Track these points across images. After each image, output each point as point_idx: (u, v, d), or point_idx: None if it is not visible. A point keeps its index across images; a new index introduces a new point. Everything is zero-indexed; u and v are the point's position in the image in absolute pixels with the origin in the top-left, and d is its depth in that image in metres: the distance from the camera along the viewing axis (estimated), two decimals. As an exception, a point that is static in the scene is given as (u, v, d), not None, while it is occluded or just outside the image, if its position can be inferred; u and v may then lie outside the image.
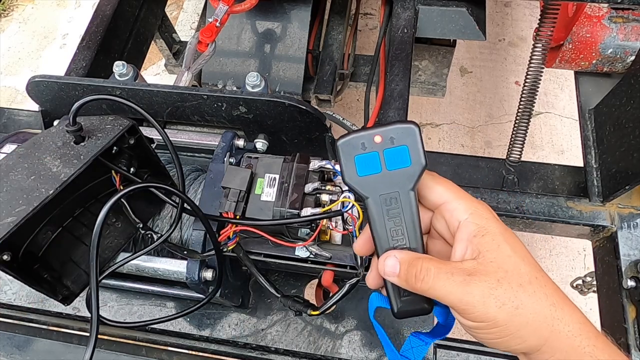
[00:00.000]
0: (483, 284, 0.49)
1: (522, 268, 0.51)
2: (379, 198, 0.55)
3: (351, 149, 0.54)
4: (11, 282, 1.09)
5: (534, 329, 0.49)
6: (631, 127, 1.06)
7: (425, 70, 1.76)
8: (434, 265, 0.52)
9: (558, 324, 0.49)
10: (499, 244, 0.52)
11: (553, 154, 2.38)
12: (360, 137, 0.54)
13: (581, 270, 2.08)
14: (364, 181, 0.55)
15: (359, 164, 0.54)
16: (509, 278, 0.50)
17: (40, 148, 0.70)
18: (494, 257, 0.51)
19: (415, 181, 0.54)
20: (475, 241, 0.52)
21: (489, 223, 0.53)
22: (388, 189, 0.55)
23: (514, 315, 0.49)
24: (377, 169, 0.54)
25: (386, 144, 0.54)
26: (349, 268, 0.79)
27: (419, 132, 0.54)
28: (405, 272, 0.54)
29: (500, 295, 0.49)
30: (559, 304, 0.50)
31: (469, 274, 0.50)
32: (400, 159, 0.54)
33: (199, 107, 0.95)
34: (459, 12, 1.34)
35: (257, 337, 1.01)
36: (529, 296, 0.49)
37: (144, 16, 1.54)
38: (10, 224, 0.63)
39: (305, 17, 1.48)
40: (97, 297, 0.66)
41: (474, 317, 0.50)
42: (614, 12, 1.31)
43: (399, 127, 0.54)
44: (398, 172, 0.54)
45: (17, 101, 2.80)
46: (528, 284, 0.50)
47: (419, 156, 0.54)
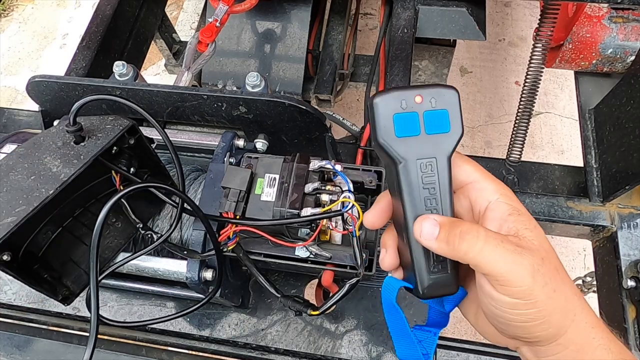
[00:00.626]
0: (532, 258, 0.47)
1: (553, 254, 0.49)
2: (414, 163, 0.50)
3: (390, 106, 0.49)
4: (11, 282, 1.09)
5: (562, 317, 0.48)
6: (631, 127, 1.06)
7: (425, 70, 1.76)
8: (483, 229, 0.49)
9: (580, 312, 0.48)
10: (535, 225, 0.50)
11: (553, 154, 2.38)
12: (401, 94, 0.50)
13: (581, 270, 2.08)
14: (401, 142, 0.50)
15: (398, 124, 0.50)
16: (549, 259, 0.48)
17: (40, 148, 0.70)
18: (534, 235, 0.49)
19: (453, 148, 0.51)
20: (512, 219, 0.50)
21: (519, 205, 0.51)
22: (426, 154, 0.50)
23: (551, 297, 0.47)
24: (416, 131, 0.50)
25: (427, 105, 0.50)
26: (349, 268, 0.79)
27: (458, 97, 0.50)
28: (447, 232, 0.49)
29: (545, 274, 0.47)
30: (579, 294, 0.49)
31: (519, 245, 0.47)
32: (440, 123, 0.50)
33: (199, 107, 0.95)
34: (459, 12, 1.35)
35: (257, 337, 1.01)
36: (562, 281, 0.48)
37: (144, 16, 1.54)
38: (10, 224, 0.63)
39: (305, 17, 1.49)
40: (97, 296, 0.66)
41: (517, 292, 0.47)
42: (614, 12, 1.31)
43: (440, 90, 0.50)
44: (437, 137, 0.50)
45: (17, 101, 2.80)
46: (561, 270, 0.49)
47: (459, 122, 0.50)
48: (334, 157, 1.01)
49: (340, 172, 0.78)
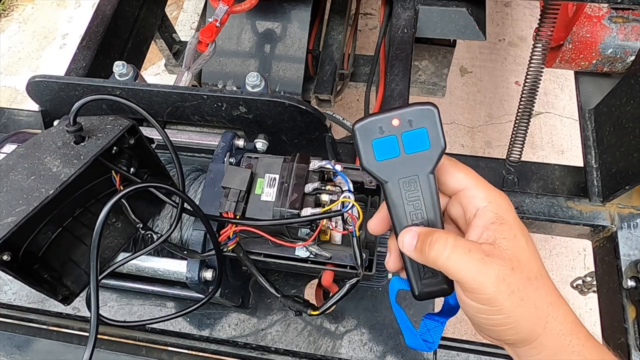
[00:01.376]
0: (499, 268, 0.49)
1: (532, 262, 0.51)
2: (398, 182, 0.54)
3: (368, 133, 0.53)
4: (11, 282, 1.09)
5: (532, 324, 0.50)
6: (631, 127, 1.06)
7: (425, 70, 1.77)
8: (453, 237, 0.51)
9: (552, 321, 0.50)
10: (515, 234, 0.52)
11: (553, 154, 2.38)
12: (378, 120, 0.52)
13: (581, 270, 2.08)
14: (382, 165, 0.54)
15: (377, 149, 0.53)
16: (521, 268, 0.50)
17: (40, 148, 0.70)
18: (510, 245, 0.51)
19: (434, 164, 0.53)
20: (493, 228, 0.52)
21: (506, 213, 0.53)
22: (407, 172, 0.54)
23: (518, 305, 0.49)
24: (396, 153, 0.53)
25: (404, 127, 0.52)
26: (349, 268, 0.79)
27: (437, 113, 0.52)
28: (420, 243, 0.53)
29: (512, 283, 0.49)
30: (556, 303, 0.51)
31: (487, 254, 0.50)
32: (419, 142, 0.52)
33: (199, 107, 0.95)
34: (459, 12, 1.34)
35: (257, 337, 1.01)
36: (534, 290, 0.50)
37: (144, 16, 1.54)
38: (11, 224, 0.63)
39: (305, 17, 1.49)
40: (97, 296, 0.66)
41: (482, 299, 0.50)
42: (614, 12, 1.31)
43: (417, 109, 0.52)
44: (417, 156, 0.53)
45: (17, 101, 2.80)
46: (535, 278, 0.50)
47: (438, 138, 0.52)
48: (334, 157, 1.01)
49: (340, 172, 0.78)
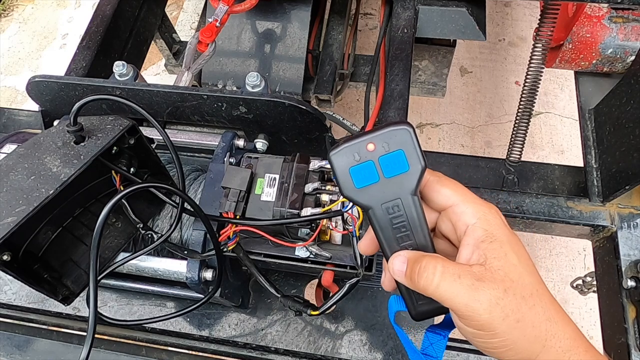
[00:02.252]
0: (491, 292, 0.48)
1: (526, 279, 0.50)
2: (380, 208, 0.52)
3: (344, 160, 0.51)
4: (11, 282, 1.09)
5: (530, 343, 0.49)
6: (631, 127, 1.06)
7: (425, 70, 1.76)
8: (441, 264, 0.50)
9: (551, 339, 0.49)
10: (506, 252, 0.50)
11: (553, 154, 2.38)
12: (352, 146, 0.51)
13: (581, 270, 2.08)
14: (363, 192, 0.52)
15: (355, 176, 0.51)
16: (514, 288, 0.48)
17: (40, 148, 0.70)
18: (501, 265, 0.49)
19: (416, 185, 0.51)
20: (483, 247, 0.50)
21: (496, 229, 0.51)
22: (389, 197, 0.52)
23: (514, 328, 0.48)
24: (375, 178, 0.51)
25: (380, 151, 0.50)
26: (349, 268, 0.79)
27: (413, 132, 0.50)
28: (410, 269, 0.52)
29: (506, 306, 0.48)
30: (554, 318, 0.49)
31: (478, 279, 0.48)
32: (397, 164, 0.51)
33: (199, 107, 0.95)
34: (459, 12, 1.34)
35: (257, 337, 1.01)
36: (529, 309, 0.48)
37: (144, 16, 1.54)
38: (11, 224, 0.63)
39: (305, 17, 1.48)
40: (96, 294, 0.66)
41: (476, 325, 0.49)
42: (614, 12, 1.31)
43: (391, 131, 0.50)
44: (397, 179, 0.51)
45: (17, 101, 2.80)
46: (530, 296, 0.49)
47: (417, 158, 0.51)
48: (334, 157, 1.01)
49: (340, 172, 0.78)
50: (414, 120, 2.51)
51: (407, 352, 0.61)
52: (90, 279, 0.65)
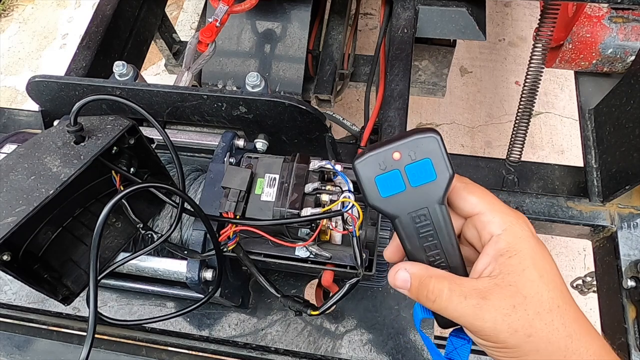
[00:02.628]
0: (497, 310, 0.48)
1: (544, 295, 0.49)
2: (407, 217, 0.52)
3: (370, 169, 0.50)
4: (11, 282, 1.09)
5: (546, 357, 0.48)
6: (631, 127, 1.06)
7: (425, 70, 1.76)
8: (447, 286, 0.50)
9: (571, 355, 0.48)
10: (525, 268, 0.49)
11: (553, 154, 2.38)
12: (377, 155, 0.50)
13: (581, 270, 2.08)
14: (389, 202, 0.51)
15: (381, 185, 0.51)
16: (526, 304, 0.48)
17: (40, 148, 0.70)
18: (515, 280, 0.49)
19: (443, 194, 0.51)
20: (501, 260, 0.50)
21: (521, 242, 0.51)
22: (416, 206, 0.51)
23: (525, 342, 0.48)
24: (401, 187, 0.50)
25: (406, 160, 0.49)
26: (349, 268, 0.79)
27: (440, 140, 0.49)
28: (416, 290, 0.53)
29: (514, 322, 0.48)
30: (577, 335, 0.49)
31: (483, 297, 0.49)
32: (424, 173, 0.50)
33: (199, 107, 0.95)
34: (459, 12, 1.35)
35: (257, 337, 1.01)
36: (545, 325, 0.48)
37: (144, 16, 1.54)
38: (11, 224, 0.63)
39: (305, 17, 1.48)
40: (96, 294, 0.66)
41: (485, 339, 0.50)
42: (614, 12, 1.31)
43: (418, 139, 0.49)
44: (424, 187, 0.50)
45: (17, 101, 2.80)
46: (547, 312, 0.48)
47: (445, 167, 0.50)
48: (334, 157, 1.01)
49: (340, 172, 0.78)
50: (414, 120, 2.51)
51: (432, 357, 0.61)
52: (90, 279, 0.65)
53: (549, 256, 0.51)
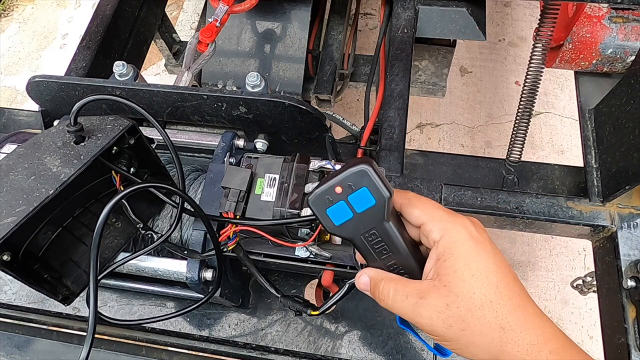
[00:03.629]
0: (432, 308, 0.54)
1: (476, 293, 0.54)
2: (360, 237, 0.59)
3: (321, 204, 0.58)
4: (11, 282, 1.09)
5: (482, 348, 0.54)
6: (631, 127, 1.06)
7: (425, 70, 1.76)
8: (393, 287, 0.58)
9: (506, 345, 0.53)
10: (457, 269, 0.55)
11: (553, 154, 2.38)
12: (324, 192, 0.57)
13: (581, 270, 2.08)
14: (342, 228, 0.59)
15: (332, 215, 0.58)
16: (458, 302, 0.54)
17: (40, 148, 0.70)
18: (449, 281, 0.55)
19: (384, 214, 0.57)
20: (438, 264, 0.56)
21: (455, 246, 0.56)
22: (365, 227, 0.58)
23: (460, 335, 0.54)
24: (349, 215, 0.58)
25: (347, 191, 0.56)
26: (349, 268, 0.79)
27: (371, 170, 0.55)
28: (372, 290, 0.61)
29: (448, 319, 0.54)
30: (510, 326, 0.53)
31: (421, 297, 0.55)
32: (364, 200, 0.56)
33: (199, 107, 0.95)
34: (459, 12, 1.35)
35: (257, 337, 1.01)
36: (477, 319, 0.53)
37: (144, 16, 1.54)
38: (11, 224, 0.63)
39: (305, 17, 1.48)
40: (96, 294, 0.66)
41: (427, 333, 0.56)
42: (614, 12, 1.31)
43: (351, 173, 0.56)
44: (368, 211, 0.57)
45: (17, 101, 2.80)
46: (478, 308, 0.53)
47: (380, 191, 0.56)
48: (334, 157, 1.01)
49: (340, 172, 0.78)
50: (414, 120, 2.51)
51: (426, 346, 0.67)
52: (91, 279, 0.65)
53: (488, 256, 0.56)
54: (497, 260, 0.56)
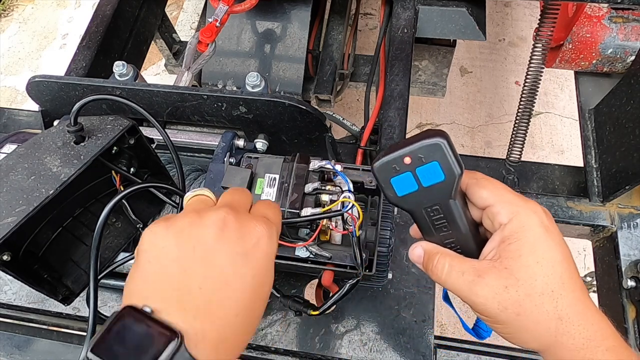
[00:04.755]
0: (489, 288, 0.53)
1: (539, 280, 0.52)
2: (422, 211, 0.58)
3: (386, 172, 0.56)
4: (11, 282, 1.09)
5: (535, 336, 0.53)
6: (631, 127, 1.06)
7: (425, 70, 1.77)
8: (449, 261, 0.56)
9: (562, 336, 0.52)
10: (522, 254, 0.53)
11: (553, 154, 2.38)
12: (391, 160, 0.55)
13: (581, 270, 2.08)
14: (405, 199, 0.57)
15: (396, 185, 0.56)
16: (518, 286, 0.52)
17: (40, 148, 0.70)
18: (511, 264, 0.53)
19: (452, 192, 0.55)
20: (502, 246, 0.55)
21: (523, 231, 0.54)
22: (429, 202, 0.57)
23: (514, 320, 0.52)
24: (414, 187, 0.56)
25: (416, 163, 0.54)
26: (349, 268, 0.79)
27: (446, 144, 0.53)
28: (426, 263, 0.59)
29: (504, 301, 0.52)
30: (568, 317, 0.52)
31: (479, 275, 0.54)
32: (433, 174, 0.54)
33: (199, 107, 0.95)
34: (459, 12, 1.35)
35: (257, 337, 1.01)
36: (535, 306, 0.52)
37: (144, 16, 1.54)
38: (11, 224, 0.63)
39: (305, 17, 1.49)
40: (96, 294, 0.66)
41: (480, 312, 0.55)
42: (614, 12, 1.31)
43: (424, 145, 0.53)
44: (434, 187, 0.55)
45: (17, 101, 2.80)
46: (538, 295, 0.52)
47: (452, 168, 0.54)
48: (334, 157, 1.01)
49: (340, 172, 0.78)
50: (414, 121, 2.51)
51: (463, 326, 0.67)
52: (91, 278, 0.65)
53: (556, 245, 0.55)
54: (564, 251, 0.55)
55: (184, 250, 0.46)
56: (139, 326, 0.42)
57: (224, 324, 0.44)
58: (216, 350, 0.43)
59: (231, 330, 0.45)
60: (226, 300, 0.45)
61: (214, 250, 0.46)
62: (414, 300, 1.00)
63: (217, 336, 0.44)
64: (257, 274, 0.47)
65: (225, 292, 0.45)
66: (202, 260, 0.45)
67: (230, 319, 0.45)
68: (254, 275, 0.47)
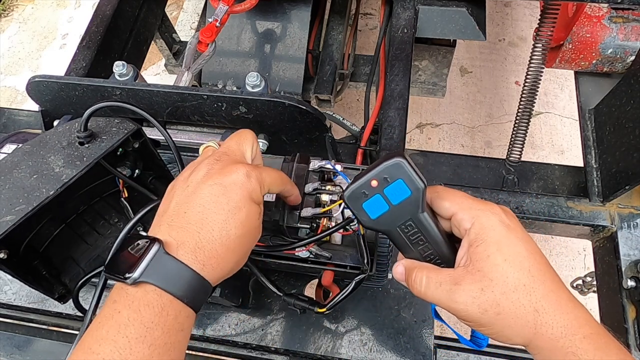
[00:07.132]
0: (466, 293, 0.55)
1: (510, 276, 0.55)
2: (397, 230, 0.60)
3: (356, 199, 0.59)
4: (11, 282, 1.09)
5: (517, 331, 0.54)
6: (631, 127, 1.06)
7: (425, 70, 1.77)
8: (426, 274, 0.59)
9: (541, 327, 0.53)
10: (489, 254, 0.56)
11: (553, 154, 2.38)
12: (359, 186, 0.59)
13: (581, 270, 2.08)
14: (379, 221, 0.60)
15: (369, 209, 0.59)
16: (492, 286, 0.54)
17: (45, 146, 0.70)
18: (482, 266, 0.55)
19: (420, 205, 0.58)
20: (471, 250, 0.57)
21: (486, 231, 0.57)
22: (401, 219, 0.60)
23: (496, 320, 0.54)
24: (385, 207, 0.59)
25: (383, 184, 0.58)
26: (349, 268, 0.79)
27: (406, 162, 0.57)
28: (406, 279, 0.62)
29: (483, 303, 0.54)
30: (544, 309, 0.54)
31: (455, 283, 0.56)
32: (400, 191, 0.58)
33: (199, 107, 0.95)
34: (459, 12, 1.35)
35: (257, 337, 1.01)
36: (511, 303, 0.54)
37: (144, 16, 1.54)
38: (9, 223, 0.63)
39: (305, 17, 1.49)
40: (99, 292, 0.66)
41: (463, 318, 0.57)
42: (614, 12, 1.31)
43: (387, 165, 0.57)
44: (404, 203, 0.58)
45: (17, 101, 2.80)
46: (512, 291, 0.54)
47: (415, 182, 0.57)
48: (334, 157, 1.01)
49: (340, 172, 0.78)
50: (414, 121, 2.51)
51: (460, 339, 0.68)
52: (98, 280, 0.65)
53: (519, 241, 0.57)
54: (529, 245, 0.57)
55: (180, 189, 0.59)
56: (132, 241, 0.57)
57: (200, 236, 0.55)
58: (194, 253, 0.55)
59: (207, 240, 0.55)
60: (204, 220, 0.56)
61: (200, 186, 0.58)
62: (414, 300, 1.00)
63: (195, 244, 0.55)
64: (232, 201, 0.57)
65: (204, 213, 0.56)
66: (190, 194, 0.58)
67: (206, 233, 0.55)
68: (228, 201, 0.57)
